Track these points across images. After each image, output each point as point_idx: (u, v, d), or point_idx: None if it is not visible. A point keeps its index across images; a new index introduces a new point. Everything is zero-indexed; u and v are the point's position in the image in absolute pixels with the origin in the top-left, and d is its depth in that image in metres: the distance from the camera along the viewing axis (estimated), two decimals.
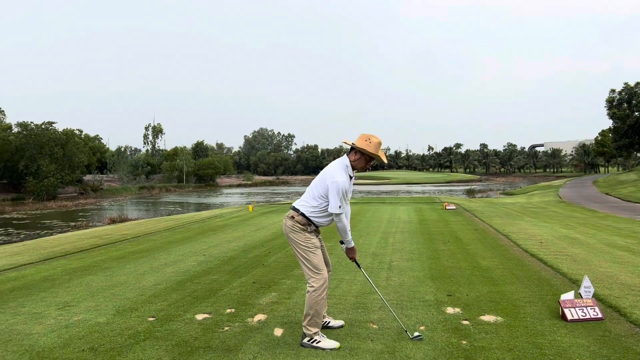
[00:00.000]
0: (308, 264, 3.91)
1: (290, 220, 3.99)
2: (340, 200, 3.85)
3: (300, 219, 3.95)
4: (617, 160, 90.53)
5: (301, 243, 3.92)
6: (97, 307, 5.06)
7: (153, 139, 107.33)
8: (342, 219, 3.92)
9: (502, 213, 17.07)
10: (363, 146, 3.89)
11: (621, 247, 8.84)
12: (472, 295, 5.31)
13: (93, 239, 11.23)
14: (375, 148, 3.91)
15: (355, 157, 3.97)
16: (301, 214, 3.96)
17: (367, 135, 3.95)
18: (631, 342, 3.85)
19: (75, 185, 60.54)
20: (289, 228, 3.99)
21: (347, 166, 3.97)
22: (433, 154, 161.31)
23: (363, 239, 10.02)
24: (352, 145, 3.96)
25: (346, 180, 3.90)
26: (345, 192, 3.88)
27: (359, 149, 3.92)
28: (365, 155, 3.96)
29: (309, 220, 3.95)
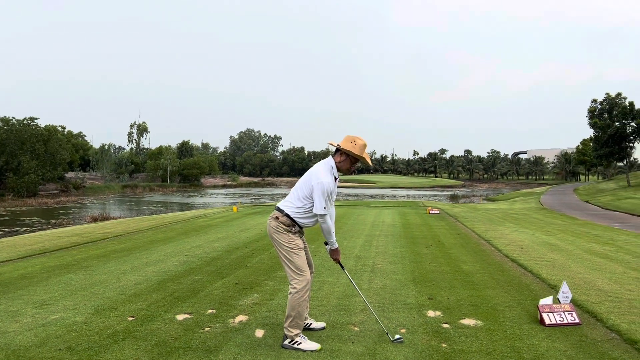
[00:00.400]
0: (291, 265, 3.90)
1: (275, 221, 3.98)
2: (325, 201, 3.85)
3: (284, 219, 3.95)
4: (597, 169, 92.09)
5: (285, 244, 3.92)
6: (76, 306, 4.98)
7: (138, 138, 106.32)
8: (327, 220, 3.92)
9: (485, 218, 17.26)
10: (349, 148, 3.91)
11: (599, 254, 9.00)
12: (453, 299, 5.36)
13: (73, 237, 11.07)
14: (360, 150, 3.93)
15: (340, 159, 3.99)
16: (285, 215, 3.96)
17: (353, 137, 3.97)
18: (607, 347, 3.92)
19: (56, 183, 59.58)
20: (273, 229, 3.98)
21: (332, 167, 3.98)
22: (418, 159, 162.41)
23: (347, 242, 10.04)
24: (338, 147, 3.97)
25: (331, 182, 3.91)
26: (330, 193, 3.88)
27: (345, 151, 3.93)
28: (350, 157, 3.98)
29: (293, 221, 3.95)
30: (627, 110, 43.45)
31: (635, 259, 8.58)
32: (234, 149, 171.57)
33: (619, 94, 44.68)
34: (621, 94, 44.56)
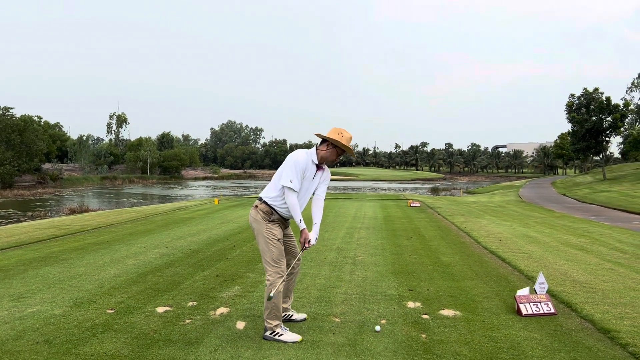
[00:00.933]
0: (266, 255, 3.90)
1: (254, 210, 4.01)
2: (293, 174, 3.84)
3: (263, 207, 3.96)
4: (574, 162, 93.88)
5: (263, 233, 3.92)
6: (54, 299, 4.92)
7: (117, 129, 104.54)
8: (292, 195, 3.86)
9: (465, 211, 17.47)
10: (336, 138, 3.93)
11: (575, 246, 9.20)
12: (433, 290, 5.43)
13: (51, 229, 10.89)
14: (347, 141, 3.97)
15: (327, 149, 3.99)
16: (264, 202, 3.97)
17: (340, 129, 4.01)
18: (581, 336, 4.02)
19: (33, 174, 58.41)
20: (252, 217, 4.01)
21: (312, 153, 4.00)
22: (400, 152, 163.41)
23: (329, 234, 10.07)
24: (325, 138, 3.98)
25: (306, 161, 3.92)
26: (303, 171, 3.89)
27: (332, 141, 3.94)
28: (337, 148, 3.99)
29: (272, 208, 3.95)
30: (603, 105, 44.30)
31: (609, 250, 8.80)
32: (215, 141, 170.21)
33: (596, 89, 45.48)
34: (598, 89, 45.37)
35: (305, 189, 3.99)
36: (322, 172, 4.08)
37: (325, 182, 4.13)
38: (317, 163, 3.99)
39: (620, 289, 5.61)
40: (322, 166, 4.07)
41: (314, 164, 3.98)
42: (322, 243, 8.77)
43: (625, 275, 6.41)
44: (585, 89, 46.18)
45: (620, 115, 44.30)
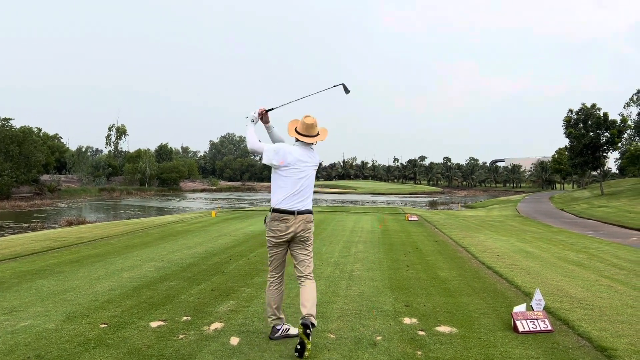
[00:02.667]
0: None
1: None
2: (269, 151, 4.22)
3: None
4: (572, 177, 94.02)
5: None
6: (47, 313, 4.87)
7: (116, 140, 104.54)
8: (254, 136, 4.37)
9: (462, 225, 17.45)
10: (292, 135, 4.36)
11: (572, 262, 9.17)
12: (429, 306, 5.39)
13: (47, 241, 10.83)
14: (302, 129, 4.26)
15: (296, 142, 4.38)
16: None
17: (295, 123, 4.38)
18: (578, 354, 3.99)
19: (31, 185, 58.32)
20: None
21: (298, 145, 4.32)
22: (398, 165, 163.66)
23: (326, 248, 10.03)
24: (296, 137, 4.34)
25: (286, 146, 4.26)
26: (284, 153, 4.18)
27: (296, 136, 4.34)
28: (302, 137, 4.29)
29: (272, 209, 4.19)
30: (601, 120, 44.49)
31: (607, 266, 8.78)
32: (214, 153, 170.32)
33: (593, 105, 45.70)
34: (596, 105, 45.59)
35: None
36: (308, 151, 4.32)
37: (308, 160, 4.31)
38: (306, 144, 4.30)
39: (618, 305, 5.58)
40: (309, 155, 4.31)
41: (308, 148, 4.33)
42: (319, 257, 8.73)
43: (622, 292, 6.39)
44: (583, 104, 46.42)
45: (617, 131, 44.47)
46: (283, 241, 4.14)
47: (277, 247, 4.17)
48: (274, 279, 4.25)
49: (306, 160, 4.21)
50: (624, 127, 46.23)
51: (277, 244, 4.16)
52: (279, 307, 4.25)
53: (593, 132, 45.51)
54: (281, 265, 4.27)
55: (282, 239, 4.11)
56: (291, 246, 4.20)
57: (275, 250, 4.19)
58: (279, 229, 4.10)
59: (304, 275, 4.16)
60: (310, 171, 4.23)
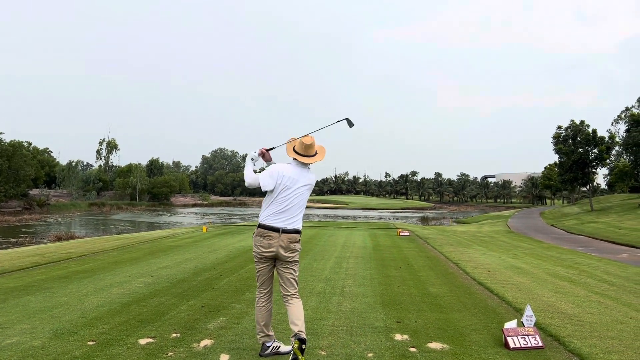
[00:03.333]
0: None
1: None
2: (265, 177, 4.15)
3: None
4: (562, 193, 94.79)
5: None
6: (33, 330, 4.79)
7: (107, 155, 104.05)
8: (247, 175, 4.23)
9: (454, 241, 17.48)
10: (292, 155, 4.35)
11: (563, 278, 9.21)
12: (421, 322, 5.38)
13: (35, 256, 10.69)
14: (300, 149, 4.26)
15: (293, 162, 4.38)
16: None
17: (294, 142, 4.35)
18: None
19: (19, 200, 57.74)
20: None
21: (294, 164, 4.32)
22: (390, 181, 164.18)
23: (317, 263, 10.00)
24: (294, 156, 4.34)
25: (278, 166, 4.24)
26: (277, 174, 4.16)
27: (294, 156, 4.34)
28: (299, 156, 4.29)
29: (258, 223, 4.23)
30: (590, 137, 45.08)
31: (597, 282, 8.82)
32: (205, 168, 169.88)
33: (582, 122, 46.34)
34: (584, 121, 46.26)
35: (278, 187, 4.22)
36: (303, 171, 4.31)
37: (303, 180, 4.29)
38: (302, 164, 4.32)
39: (608, 321, 5.60)
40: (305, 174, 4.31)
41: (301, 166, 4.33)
42: (310, 273, 8.70)
43: (612, 308, 6.41)
44: (572, 121, 47.05)
45: (606, 147, 45.07)
46: (267, 257, 4.10)
47: (262, 262, 4.14)
48: (261, 296, 4.23)
49: (299, 179, 4.19)
50: (612, 144, 46.86)
51: (261, 260, 4.13)
52: (267, 325, 4.20)
53: (582, 149, 46.08)
54: (268, 281, 4.23)
55: (265, 255, 4.08)
56: (277, 264, 4.16)
57: (260, 265, 4.17)
58: (262, 245, 4.07)
59: (289, 294, 4.12)
60: (302, 191, 4.20)
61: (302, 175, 4.22)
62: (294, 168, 4.24)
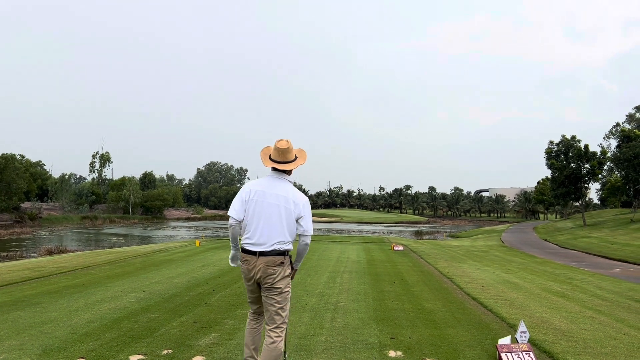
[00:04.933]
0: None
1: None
2: (235, 203, 3.74)
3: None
4: (555, 208, 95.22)
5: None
6: (22, 346, 4.72)
7: (100, 168, 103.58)
8: (229, 225, 3.75)
9: (448, 256, 17.47)
10: (268, 165, 3.88)
11: (556, 293, 9.21)
12: (415, 338, 5.35)
13: (25, 271, 10.57)
14: (276, 155, 3.80)
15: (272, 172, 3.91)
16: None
17: (267, 151, 3.93)
18: None
19: (11, 213, 57.22)
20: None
21: (270, 176, 3.85)
22: (384, 194, 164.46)
23: (311, 278, 9.95)
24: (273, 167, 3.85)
25: (246, 186, 3.80)
26: (248, 190, 3.73)
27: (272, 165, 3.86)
28: (276, 163, 3.82)
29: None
30: (582, 152, 45.49)
31: (590, 297, 8.82)
32: (199, 181, 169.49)
33: (573, 137, 46.79)
34: (576, 136, 46.73)
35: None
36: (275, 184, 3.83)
37: (274, 196, 3.81)
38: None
39: (601, 337, 5.60)
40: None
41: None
42: (304, 288, 8.65)
43: (606, 324, 6.41)
44: (564, 136, 47.49)
45: (597, 162, 45.46)
46: (252, 282, 3.72)
47: (248, 283, 3.77)
48: (251, 316, 3.92)
49: (274, 192, 3.69)
50: (604, 159, 47.26)
51: (248, 282, 3.77)
52: (257, 349, 3.82)
53: (574, 164, 46.46)
54: (257, 300, 3.83)
55: (250, 280, 3.71)
56: (261, 289, 3.75)
57: (247, 284, 3.79)
58: (243, 270, 3.72)
59: (269, 328, 3.67)
60: (280, 204, 3.66)
61: (275, 187, 3.72)
62: (269, 181, 3.77)
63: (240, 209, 3.68)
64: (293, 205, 3.67)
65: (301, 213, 3.70)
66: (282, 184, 3.73)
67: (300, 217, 3.70)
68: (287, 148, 3.73)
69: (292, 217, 3.67)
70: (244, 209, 3.68)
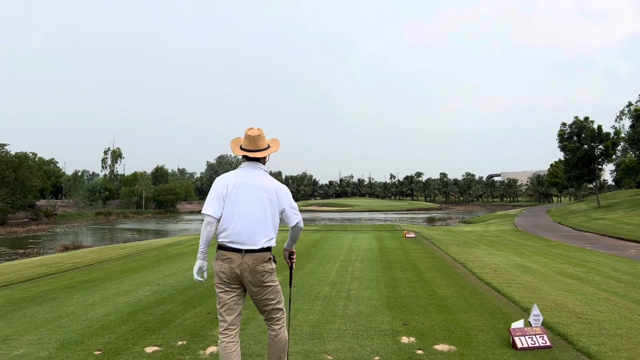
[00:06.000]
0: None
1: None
2: (210, 200, 3.40)
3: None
4: (568, 190, 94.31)
5: None
6: (40, 341, 4.81)
7: (112, 164, 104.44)
8: (204, 224, 3.40)
9: (460, 241, 17.41)
10: (238, 153, 3.59)
11: (571, 276, 9.14)
12: (427, 324, 5.35)
13: (42, 267, 10.74)
14: (237, 150, 3.57)
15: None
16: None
17: (238, 141, 3.65)
18: None
19: (26, 211, 58.05)
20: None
21: (244, 166, 3.56)
22: (395, 182, 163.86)
23: (323, 267, 9.98)
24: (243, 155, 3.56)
25: (220, 179, 3.47)
26: (225, 183, 3.41)
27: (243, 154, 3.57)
28: (247, 152, 3.54)
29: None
30: (595, 133, 44.84)
31: (605, 279, 8.75)
32: (210, 174, 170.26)
33: (586, 118, 46.10)
34: (589, 118, 46.02)
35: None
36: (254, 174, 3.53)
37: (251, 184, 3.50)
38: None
39: (617, 319, 5.56)
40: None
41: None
42: (316, 277, 8.69)
43: (621, 305, 6.36)
44: (577, 117, 46.81)
45: (611, 143, 44.82)
46: (232, 285, 3.38)
47: (225, 290, 3.40)
48: (225, 334, 3.39)
49: (254, 183, 3.41)
50: (618, 140, 46.56)
51: (225, 286, 3.39)
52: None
53: (587, 145, 45.82)
54: (232, 309, 3.41)
55: (230, 282, 3.37)
56: (248, 292, 3.45)
57: (226, 288, 3.38)
58: (223, 270, 3.35)
59: (270, 322, 3.56)
60: (262, 196, 3.39)
61: (253, 178, 3.45)
62: (245, 171, 3.47)
63: (218, 205, 3.36)
64: (276, 196, 3.43)
65: (283, 204, 3.47)
66: (259, 174, 3.47)
67: (283, 209, 3.48)
68: (259, 135, 3.48)
69: (275, 209, 3.43)
70: (222, 205, 3.37)
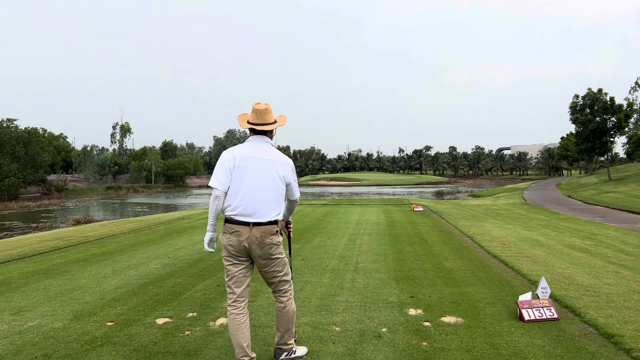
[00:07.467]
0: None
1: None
2: (217, 173, 3.44)
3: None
4: (579, 163, 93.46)
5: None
6: (54, 312, 4.91)
7: (121, 138, 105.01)
8: (212, 197, 3.44)
9: (468, 215, 17.39)
10: (245, 127, 3.65)
11: (579, 249, 9.12)
12: (435, 297, 5.39)
13: (54, 241, 10.91)
14: (253, 118, 3.57)
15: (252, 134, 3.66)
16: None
17: (245, 116, 3.69)
18: (584, 342, 3.97)
19: (38, 185, 58.73)
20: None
21: (251, 140, 3.60)
22: (404, 156, 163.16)
23: (331, 241, 10.04)
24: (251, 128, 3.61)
25: (228, 152, 3.50)
26: (232, 157, 3.45)
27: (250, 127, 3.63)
28: (254, 125, 3.57)
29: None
30: (607, 105, 44.09)
31: (614, 252, 8.72)
32: (218, 149, 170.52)
33: (600, 90, 45.25)
34: (602, 90, 45.18)
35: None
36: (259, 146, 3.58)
37: (257, 158, 3.54)
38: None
39: (625, 292, 5.55)
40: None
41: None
42: (324, 250, 8.75)
43: (630, 278, 6.35)
44: (590, 89, 45.96)
45: (624, 115, 44.08)
46: (240, 257, 3.43)
47: (233, 262, 3.44)
48: (234, 306, 3.44)
49: (261, 157, 3.45)
50: (631, 112, 45.77)
51: (233, 259, 3.44)
52: (249, 344, 3.45)
53: (599, 118, 45.13)
54: (240, 281, 3.45)
55: (238, 254, 3.42)
56: (256, 265, 3.51)
57: (234, 261, 3.43)
58: (231, 243, 3.38)
59: (277, 295, 3.61)
60: (270, 169, 3.44)
61: (260, 151, 3.48)
62: (252, 145, 3.52)
63: (226, 178, 3.40)
64: (282, 170, 3.48)
65: (289, 179, 3.54)
66: (267, 147, 3.52)
67: (289, 182, 3.55)
68: (266, 109, 3.52)
69: (282, 182, 3.49)
70: (229, 178, 3.41)
